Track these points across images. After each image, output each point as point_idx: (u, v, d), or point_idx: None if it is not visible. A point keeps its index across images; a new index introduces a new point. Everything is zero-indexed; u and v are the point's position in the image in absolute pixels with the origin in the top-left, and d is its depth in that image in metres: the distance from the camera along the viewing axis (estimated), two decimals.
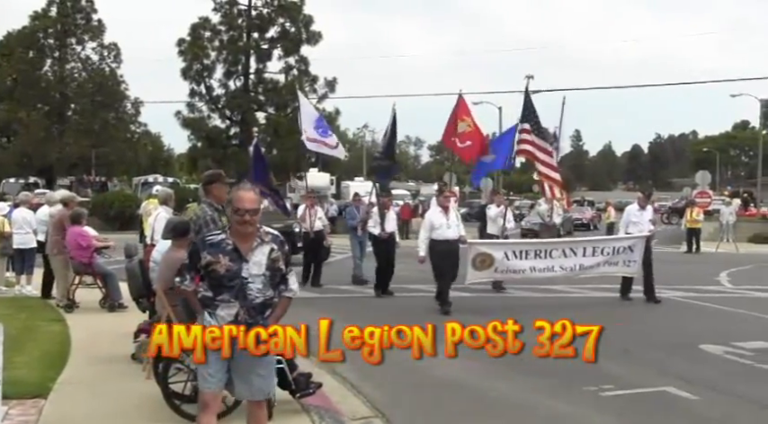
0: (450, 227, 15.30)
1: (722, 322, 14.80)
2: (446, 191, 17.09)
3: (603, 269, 16.72)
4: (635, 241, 16.69)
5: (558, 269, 16.39)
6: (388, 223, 18.42)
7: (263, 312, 5.83)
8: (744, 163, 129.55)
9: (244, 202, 5.77)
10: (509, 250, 16.20)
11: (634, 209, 17.40)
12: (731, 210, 38.76)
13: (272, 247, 5.87)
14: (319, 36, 52.80)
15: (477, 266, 15.63)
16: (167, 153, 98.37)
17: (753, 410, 8.56)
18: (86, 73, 59.40)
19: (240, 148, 52.64)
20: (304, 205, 20.55)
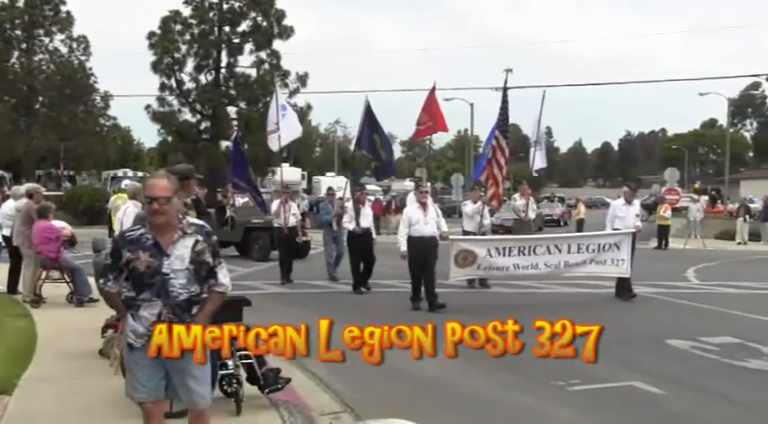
0: (427, 223, 15.15)
1: (689, 317, 14.93)
2: (422, 187, 16.73)
3: (591, 268, 16.51)
4: (621, 237, 16.49)
5: (542, 266, 16.14)
6: (363, 218, 18.15)
7: (189, 309, 5.49)
8: (712, 160, 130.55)
9: (154, 189, 5.40)
10: (492, 246, 16.03)
11: (620, 204, 17.24)
12: (699, 207, 39.11)
13: (196, 239, 5.52)
14: (291, 30, 52.58)
15: (459, 263, 15.51)
16: (137, 147, 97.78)
17: (718, 404, 8.64)
18: (55, 65, 58.81)
19: (211, 143, 52.38)
20: (278, 200, 20.28)
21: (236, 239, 25.35)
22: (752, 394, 9.03)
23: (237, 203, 25.90)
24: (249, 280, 19.23)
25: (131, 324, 5.49)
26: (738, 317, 14.80)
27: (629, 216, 16.91)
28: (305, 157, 69.14)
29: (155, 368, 5.44)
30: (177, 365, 5.37)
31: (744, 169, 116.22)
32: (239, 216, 25.05)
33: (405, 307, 15.27)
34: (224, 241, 25.72)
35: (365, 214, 18.31)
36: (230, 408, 7.55)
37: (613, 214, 17.17)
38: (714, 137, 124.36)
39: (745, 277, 21.76)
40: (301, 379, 9.04)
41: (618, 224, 16.85)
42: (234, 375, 7.61)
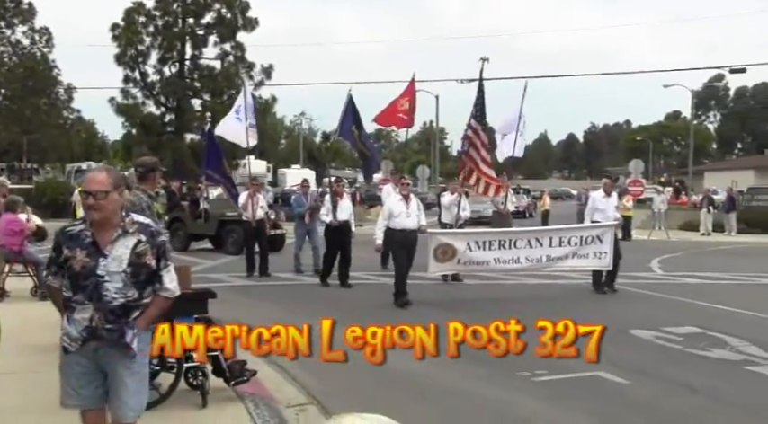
0: (409, 216, 14.88)
1: (653, 307, 15.06)
2: (404, 179, 16.35)
3: (574, 262, 16.19)
4: (603, 230, 16.25)
5: (524, 260, 15.82)
6: (341, 211, 17.61)
7: (126, 315, 5.04)
8: (676, 152, 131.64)
9: (90, 183, 5.04)
10: (472, 240, 15.62)
11: (599, 196, 17.00)
12: (663, 198, 39.42)
13: (138, 239, 5.09)
14: (256, 22, 52.43)
15: (438, 257, 15.16)
16: (101, 140, 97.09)
17: (681, 393, 8.73)
18: (17, 57, 58.15)
19: (175, 135, 52.14)
20: (246, 193, 19.94)
21: (211, 232, 25.18)
22: (714, 383, 9.14)
23: (211, 195, 25.76)
24: (216, 273, 19.18)
25: (66, 327, 5.12)
26: (702, 307, 14.96)
27: (608, 208, 16.71)
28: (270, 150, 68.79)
29: (92, 374, 5.12)
30: (115, 370, 5.08)
31: (707, 160, 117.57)
32: (213, 208, 24.96)
33: (370, 299, 15.31)
34: (198, 234, 25.53)
35: (343, 207, 17.78)
36: (196, 400, 7.53)
37: (593, 206, 16.90)
38: (678, 129, 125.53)
39: (708, 267, 21.98)
40: (267, 371, 9.03)
41: (597, 216, 16.63)
42: (199, 368, 7.59)
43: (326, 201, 17.95)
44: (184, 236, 25.66)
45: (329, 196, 17.92)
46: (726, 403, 8.41)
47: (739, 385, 9.13)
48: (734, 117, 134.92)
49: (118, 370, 5.07)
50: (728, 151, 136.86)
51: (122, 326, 5.03)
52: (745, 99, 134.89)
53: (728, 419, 8.00)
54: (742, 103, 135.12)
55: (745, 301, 15.41)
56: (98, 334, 5.01)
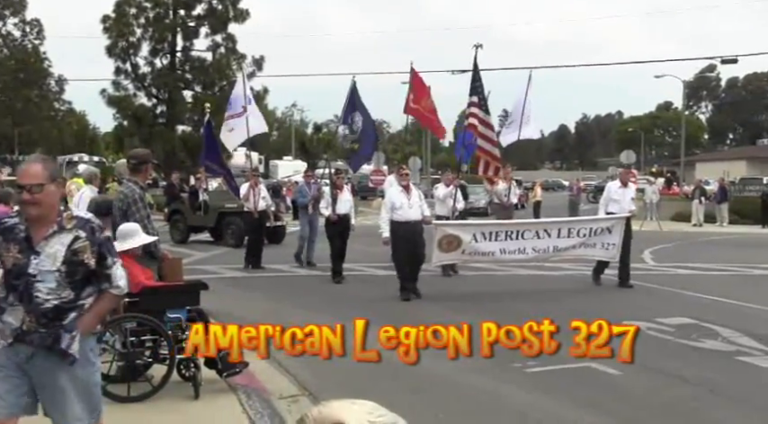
0: (411, 207, 14.52)
1: (645, 298, 15.08)
2: (403, 170, 15.85)
3: (580, 251, 16.01)
4: (614, 222, 15.96)
5: (530, 250, 15.51)
6: (340, 204, 17.19)
7: (60, 318, 4.61)
8: (667, 143, 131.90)
9: (25, 176, 4.64)
10: (478, 231, 15.32)
11: (615, 187, 16.65)
12: (654, 189, 39.50)
13: (75, 235, 4.66)
14: (247, 14, 52.29)
15: (443, 248, 14.89)
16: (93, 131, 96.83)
17: (674, 384, 8.75)
18: (8, 49, 58.03)
19: (167, 127, 52.02)
20: (247, 184, 19.68)
21: (210, 224, 25.02)
22: (706, 374, 9.16)
23: (211, 187, 25.60)
24: (208, 264, 19.15)
25: None
26: (694, 298, 14.99)
27: (624, 199, 16.34)
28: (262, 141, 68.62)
29: (17, 381, 4.67)
30: (48, 380, 4.67)
31: (699, 151, 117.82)
32: (213, 200, 24.72)
33: (366, 292, 15.31)
34: (198, 226, 25.30)
35: (343, 200, 17.38)
36: (188, 392, 7.53)
37: (608, 197, 16.53)
38: (670, 120, 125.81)
39: (700, 258, 22.03)
40: (259, 363, 8.98)
41: (613, 207, 16.28)
42: (191, 359, 7.58)
43: (326, 194, 17.64)
44: (184, 228, 25.56)
45: (329, 188, 17.65)
46: (718, 394, 8.43)
47: (731, 376, 9.15)
48: (725, 107, 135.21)
49: (59, 381, 4.67)
50: (720, 141, 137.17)
51: (57, 330, 4.62)
52: (736, 89, 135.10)
53: (720, 409, 8.02)
54: (734, 94, 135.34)
55: (737, 292, 15.44)
56: (29, 339, 4.60)
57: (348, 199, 17.62)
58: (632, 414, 7.74)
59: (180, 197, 26.68)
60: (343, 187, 17.74)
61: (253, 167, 21.56)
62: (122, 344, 7.48)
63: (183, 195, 26.73)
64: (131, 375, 7.52)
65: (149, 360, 7.67)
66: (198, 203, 25.12)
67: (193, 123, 53.08)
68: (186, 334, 7.64)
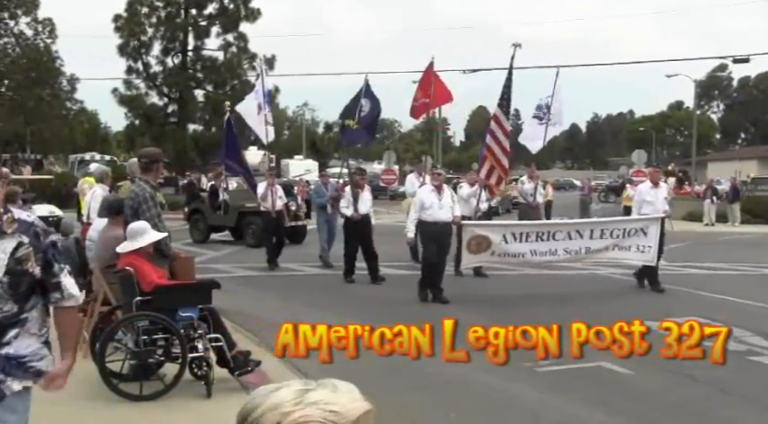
0: (442, 208, 14.06)
1: (656, 298, 15.05)
2: (435, 169, 15.26)
3: (614, 253, 15.47)
4: (648, 223, 15.37)
5: (561, 252, 15.06)
6: (361, 203, 16.83)
7: (2, 334, 4.10)
8: (679, 142, 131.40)
9: None
10: (508, 232, 14.90)
11: (647, 188, 16.15)
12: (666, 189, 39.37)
13: (19, 241, 4.10)
14: (258, 13, 52.38)
15: (472, 249, 14.46)
16: (104, 131, 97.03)
17: (686, 384, 8.74)
18: (20, 48, 58.10)
19: (178, 126, 52.14)
20: (264, 183, 19.29)
21: (230, 223, 24.75)
22: (718, 373, 9.12)
23: (231, 186, 25.46)
24: (219, 264, 19.19)
25: None
26: (706, 298, 14.97)
27: (657, 199, 15.78)
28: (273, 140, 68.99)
29: None
30: None
31: (710, 150, 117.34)
32: (233, 199, 24.37)
33: (377, 292, 15.33)
34: (218, 225, 24.95)
35: (364, 199, 17.00)
36: (200, 391, 7.56)
37: (641, 198, 16.00)
38: (681, 119, 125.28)
39: (711, 258, 21.98)
40: (271, 362, 9.04)
41: (646, 209, 15.70)
42: (204, 358, 7.62)
43: (347, 193, 17.24)
44: (204, 228, 25.37)
45: (350, 188, 17.31)
46: (729, 393, 8.43)
47: (742, 376, 9.13)
48: (737, 107, 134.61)
49: None
50: (732, 141, 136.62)
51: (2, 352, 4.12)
52: (748, 89, 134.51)
53: (731, 408, 8.02)
54: (745, 93, 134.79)
55: (749, 291, 15.41)
56: None
57: (369, 199, 17.31)
58: (644, 413, 7.74)
59: (200, 196, 26.49)
60: (364, 186, 17.41)
61: (270, 166, 21.26)
62: (135, 343, 7.52)
63: (203, 194, 26.52)
64: (144, 374, 7.55)
65: (161, 359, 7.70)
66: (218, 202, 24.85)
67: (204, 122, 53.21)
68: (198, 333, 7.68)
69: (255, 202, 21.38)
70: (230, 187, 25.27)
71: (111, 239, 8.57)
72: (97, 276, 8.97)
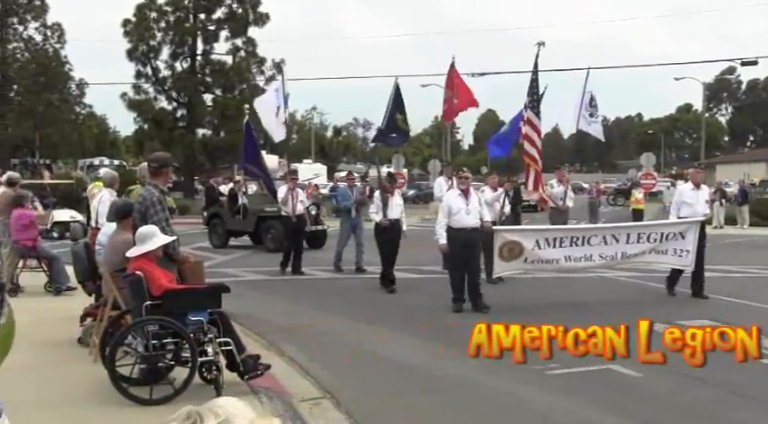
0: (470, 213, 13.44)
1: (666, 300, 15.01)
2: (462, 172, 14.35)
3: (650, 258, 14.97)
4: (687, 226, 14.76)
5: (596, 257, 14.44)
6: (391, 209, 16.25)
7: None
8: (687, 145, 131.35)
9: None
10: (541, 237, 14.21)
11: (687, 189, 15.46)
12: (672, 192, 39.36)
13: None
14: (267, 17, 52.55)
15: (504, 256, 13.79)
16: (113, 135, 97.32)
17: (696, 387, 8.72)
18: (29, 53, 58.31)
19: (187, 130, 52.26)
20: (285, 187, 18.94)
21: (249, 228, 24.52)
22: (729, 376, 9.11)
23: (251, 190, 25.32)
24: (228, 267, 19.22)
25: None
26: (714, 300, 14.90)
27: (698, 202, 15.10)
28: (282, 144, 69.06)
29: None
30: None
31: (719, 153, 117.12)
32: (252, 204, 24.14)
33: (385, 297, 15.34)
34: (237, 230, 24.71)
35: (394, 204, 16.40)
36: (210, 395, 7.55)
37: (680, 200, 15.31)
38: (690, 122, 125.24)
39: (721, 260, 21.85)
40: (281, 365, 9.08)
41: (685, 211, 15.01)
42: (213, 362, 7.63)
43: (376, 198, 16.67)
44: (223, 233, 25.18)
45: (379, 193, 16.65)
46: (739, 396, 8.41)
47: (753, 378, 9.10)
48: (746, 109, 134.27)
49: None
50: (740, 144, 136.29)
51: None
52: (757, 91, 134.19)
53: (741, 411, 8.00)
54: (754, 96, 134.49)
55: (758, 293, 15.36)
56: None
57: (399, 204, 16.73)
58: (653, 416, 7.73)
59: (219, 200, 26.23)
60: (394, 191, 16.83)
61: (291, 170, 20.97)
62: (144, 347, 7.53)
63: (222, 199, 26.26)
64: (153, 378, 7.57)
65: (171, 363, 7.71)
66: (237, 207, 24.54)
67: (213, 126, 53.31)
68: (208, 337, 7.69)
69: (275, 206, 21.25)
70: (249, 191, 25.10)
71: (121, 243, 8.59)
72: (107, 280, 8.99)
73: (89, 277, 10.23)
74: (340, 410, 7.65)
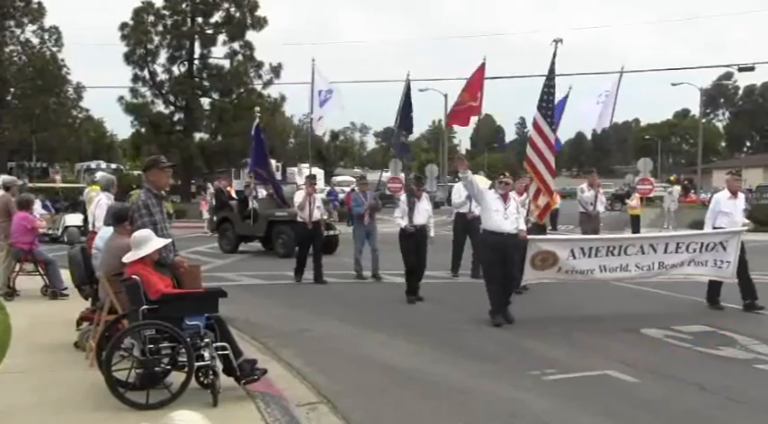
0: (507, 218, 12.78)
1: (663, 306, 15.03)
2: (504, 177, 13.43)
3: (689, 269, 14.38)
4: (728, 236, 14.19)
5: (633, 268, 13.84)
6: (417, 214, 15.27)
7: None
8: (685, 150, 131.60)
9: None
10: (576, 247, 13.62)
11: (724, 197, 14.60)
12: (673, 197, 39.40)
13: None
14: (264, 21, 52.54)
15: (536, 265, 13.15)
16: (110, 139, 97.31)
17: (692, 392, 8.71)
18: (26, 56, 58.29)
19: (184, 134, 52.23)
20: (303, 192, 18.18)
21: (260, 233, 24.01)
22: (724, 381, 9.12)
23: (261, 194, 25.04)
24: (225, 272, 19.20)
25: None
26: None
27: (736, 211, 14.51)
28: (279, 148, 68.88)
29: None
30: None
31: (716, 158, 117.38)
32: (262, 208, 23.80)
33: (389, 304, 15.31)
34: (247, 235, 24.30)
35: (421, 209, 15.40)
36: (207, 399, 7.54)
37: (716, 209, 14.58)
38: (687, 127, 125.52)
39: None
40: (277, 370, 9.07)
41: (722, 221, 14.40)
42: (210, 367, 7.61)
43: (402, 202, 15.76)
44: (233, 237, 24.77)
45: (405, 197, 15.80)
46: (736, 402, 8.40)
47: (749, 384, 9.11)
48: (743, 115, 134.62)
49: None
50: (737, 149, 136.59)
51: None
52: (753, 97, 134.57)
53: (738, 417, 7.98)
54: (751, 101, 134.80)
55: None
56: None
57: (426, 209, 15.60)
58: (650, 421, 7.72)
59: (229, 204, 25.80)
60: (421, 195, 15.72)
61: (311, 174, 20.57)
62: (141, 351, 7.51)
63: (232, 202, 25.85)
64: (150, 383, 7.54)
65: (168, 367, 7.70)
66: (247, 211, 24.14)
67: (211, 130, 53.31)
68: (205, 341, 7.67)
69: (285, 211, 21.01)
70: (260, 195, 24.75)
71: (117, 247, 8.57)
72: (103, 284, 8.96)
73: (86, 280, 10.21)
74: (337, 415, 7.63)
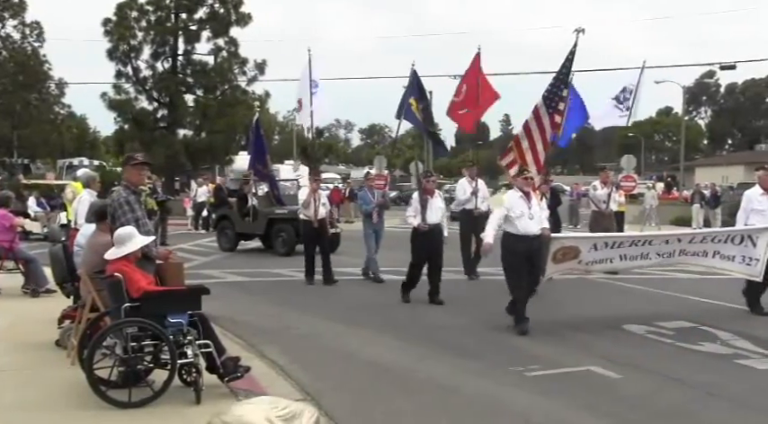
0: (533, 218, 11.84)
1: (645, 302, 15.09)
2: (526, 173, 12.66)
3: (714, 262, 13.65)
4: (758, 232, 13.43)
5: (653, 255, 13.18)
6: (431, 212, 14.64)
7: None
8: (667, 147, 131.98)
9: None
10: (600, 242, 13.00)
11: (756, 194, 13.84)
12: (654, 194, 39.63)
13: None
14: (249, 18, 52.31)
15: (557, 259, 12.30)
16: (93, 135, 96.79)
17: (673, 387, 8.76)
18: (7, 52, 57.87)
19: (168, 131, 52.02)
20: (308, 189, 17.60)
21: (259, 231, 23.55)
22: (706, 377, 9.18)
23: (260, 191, 24.78)
24: (210, 269, 19.15)
25: None
26: (692, 302, 15.00)
27: None
28: None
29: None
30: None
31: (698, 156, 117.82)
32: (262, 206, 23.44)
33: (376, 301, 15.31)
34: (246, 233, 23.90)
35: (434, 207, 14.78)
36: (189, 397, 7.54)
37: (748, 206, 13.84)
38: (670, 125, 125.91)
39: None
40: (261, 368, 9.06)
41: (755, 219, 13.64)
42: (193, 364, 7.60)
43: (414, 200, 15.14)
44: (232, 236, 24.33)
45: (417, 194, 15.20)
46: (717, 397, 8.45)
47: (730, 379, 9.17)
48: (725, 113, 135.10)
49: None
50: (719, 147, 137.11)
51: None
52: (735, 95, 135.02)
53: (720, 412, 8.03)
54: (732, 99, 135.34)
55: (735, 295, 15.38)
56: None
57: (440, 206, 14.99)
58: (631, 417, 7.75)
59: (228, 202, 25.45)
60: (434, 192, 15.11)
61: (316, 170, 20.12)
62: (123, 349, 7.49)
63: (231, 200, 25.38)
64: (132, 381, 7.52)
65: (150, 365, 7.68)
66: (246, 209, 23.70)
67: (195, 127, 53.12)
68: (188, 339, 7.66)
69: (286, 209, 20.78)
70: (259, 192, 24.40)
71: (100, 245, 8.55)
72: (85, 282, 8.93)
73: (67, 278, 10.18)
74: (321, 412, 7.62)
